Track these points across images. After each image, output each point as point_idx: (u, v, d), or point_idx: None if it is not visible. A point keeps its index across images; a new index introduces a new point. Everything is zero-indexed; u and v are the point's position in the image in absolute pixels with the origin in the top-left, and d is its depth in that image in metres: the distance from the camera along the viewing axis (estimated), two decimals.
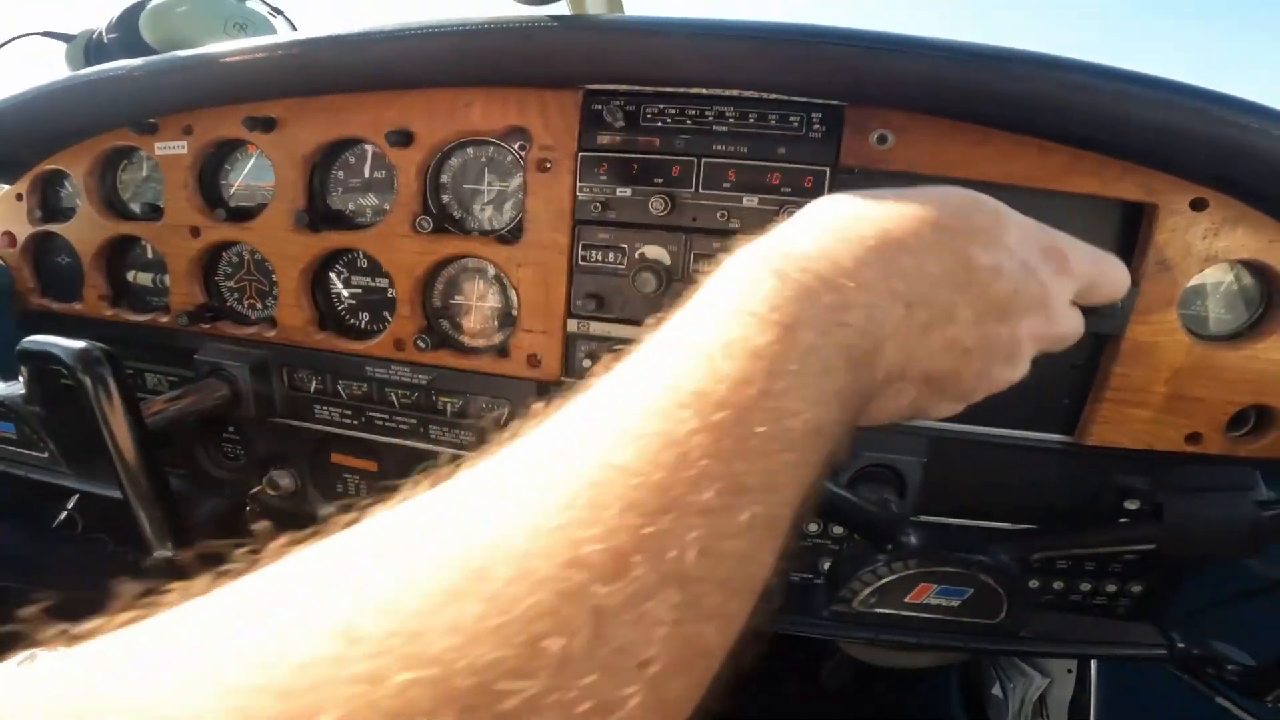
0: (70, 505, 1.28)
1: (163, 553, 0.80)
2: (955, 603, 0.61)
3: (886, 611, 0.61)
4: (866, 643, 0.65)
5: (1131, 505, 0.82)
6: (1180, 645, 0.69)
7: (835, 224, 0.37)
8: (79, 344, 0.80)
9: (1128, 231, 0.82)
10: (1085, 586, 0.92)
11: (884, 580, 0.60)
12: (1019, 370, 0.44)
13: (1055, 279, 0.44)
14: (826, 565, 0.87)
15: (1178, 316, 0.81)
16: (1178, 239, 0.78)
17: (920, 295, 0.36)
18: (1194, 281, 0.83)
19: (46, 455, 0.88)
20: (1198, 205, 0.78)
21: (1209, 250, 0.79)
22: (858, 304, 0.34)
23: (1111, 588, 0.92)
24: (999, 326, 0.40)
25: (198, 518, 1.08)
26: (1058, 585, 0.92)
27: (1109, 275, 0.48)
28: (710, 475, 0.27)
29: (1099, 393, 0.83)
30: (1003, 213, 0.43)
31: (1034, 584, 0.91)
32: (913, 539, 0.61)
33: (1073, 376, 0.85)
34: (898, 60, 0.75)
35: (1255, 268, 0.82)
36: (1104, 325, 0.81)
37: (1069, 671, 1.20)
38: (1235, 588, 0.87)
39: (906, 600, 0.61)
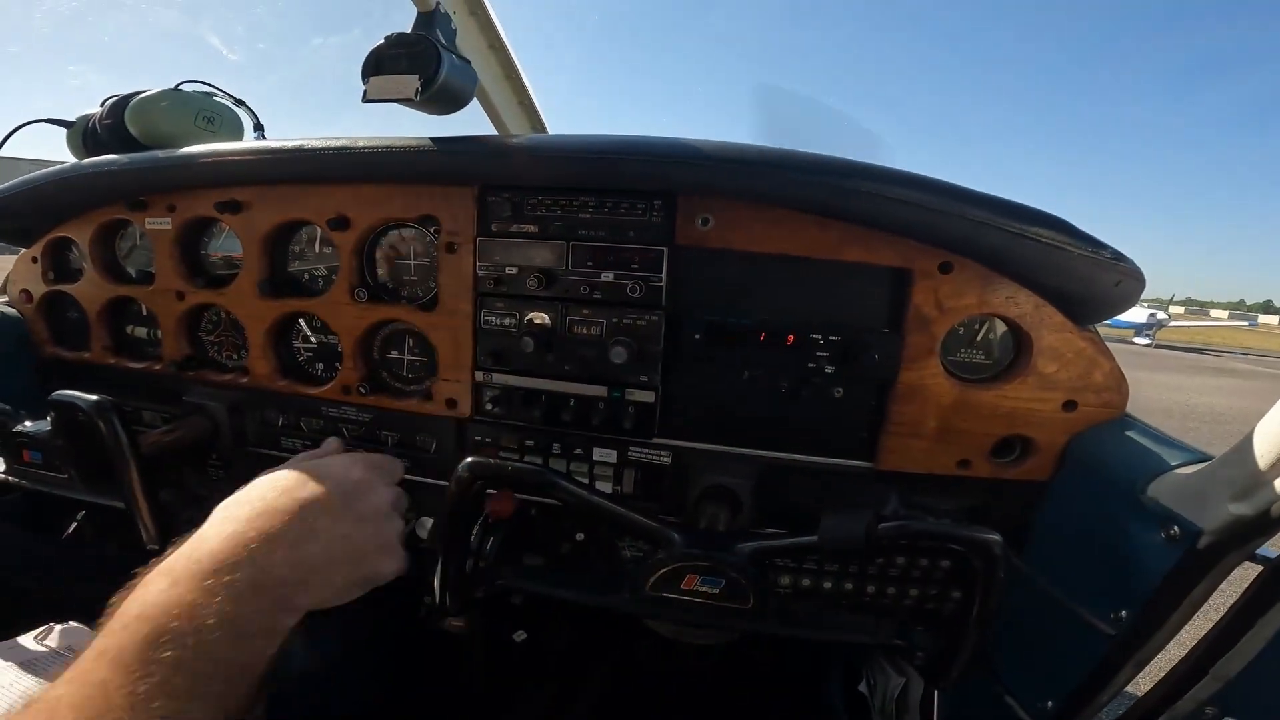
0: (79, 518, 1.50)
1: (153, 547, 1.03)
2: (715, 590, 0.80)
3: (670, 595, 0.81)
4: (661, 619, 0.85)
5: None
6: (884, 634, 0.87)
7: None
8: (95, 398, 1.03)
9: (896, 292, 1.02)
10: (914, 592, 1.11)
11: (660, 571, 0.80)
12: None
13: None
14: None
15: (939, 362, 1.01)
16: (931, 298, 0.99)
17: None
18: (959, 331, 1.03)
19: (66, 476, 1.11)
20: (945, 268, 0.98)
21: (956, 306, 0.99)
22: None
23: (934, 591, 1.11)
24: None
25: (180, 523, 1.30)
26: (891, 590, 1.10)
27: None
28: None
29: (885, 426, 1.04)
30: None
31: (860, 586, 1.10)
32: (676, 539, 0.81)
33: (869, 414, 1.06)
34: (707, 166, 0.95)
35: (1006, 320, 1.02)
36: (878, 373, 1.02)
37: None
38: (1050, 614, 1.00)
39: (682, 587, 0.80)
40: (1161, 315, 29.38)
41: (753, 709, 1.55)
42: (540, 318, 1.09)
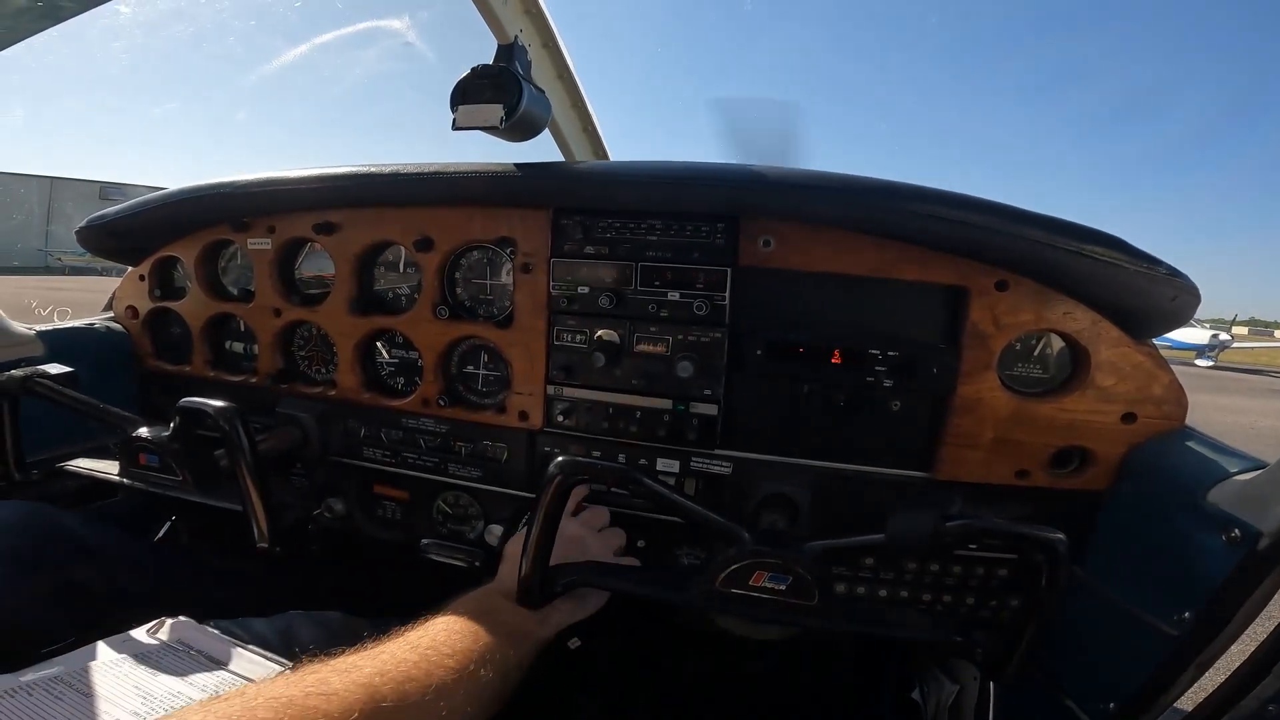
0: (172, 520, 1.61)
1: (263, 544, 1.12)
2: (782, 587, 0.83)
3: (739, 591, 0.84)
4: (730, 614, 0.89)
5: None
6: (943, 631, 0.88)
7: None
8: (222, 403, 1.12)
9: (953, 308, 1.07)
10: (970, 600, 1.14)
11: (731, 567, 0.83)
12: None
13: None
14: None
15: (997, 376, 1.05)
16: (987, 315, 1.03)
17: None
18: (1016, 346, 1.07)
19: (180, 479, 1.20)
20: (1001, 286, 1.02)
21: (1013, 322, 1.03)
22: None
23: (992, 602, 1.13)
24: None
25: (281, 526, 1.38)
26: (947, 598, 1.14)
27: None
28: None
29: (941, 438, 1.07)
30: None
31: (919, 595, 1.13)
32: (746, 537, 0.85)
33: (927, 425, 1.10)
34: (769, 191, 1.02)
35: (1063, 336, 1.05)
36: (935, 387, 1.05)
37: (974, 679, 1.33)
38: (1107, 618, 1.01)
39: (750, 583, 0.84)
40: (1224, 336, 28.01)
41: (805, 713, 1.56)
42: (609, 334, 1.16)
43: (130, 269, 1.59)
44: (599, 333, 1.16)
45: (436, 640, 0.76)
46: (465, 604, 0.85)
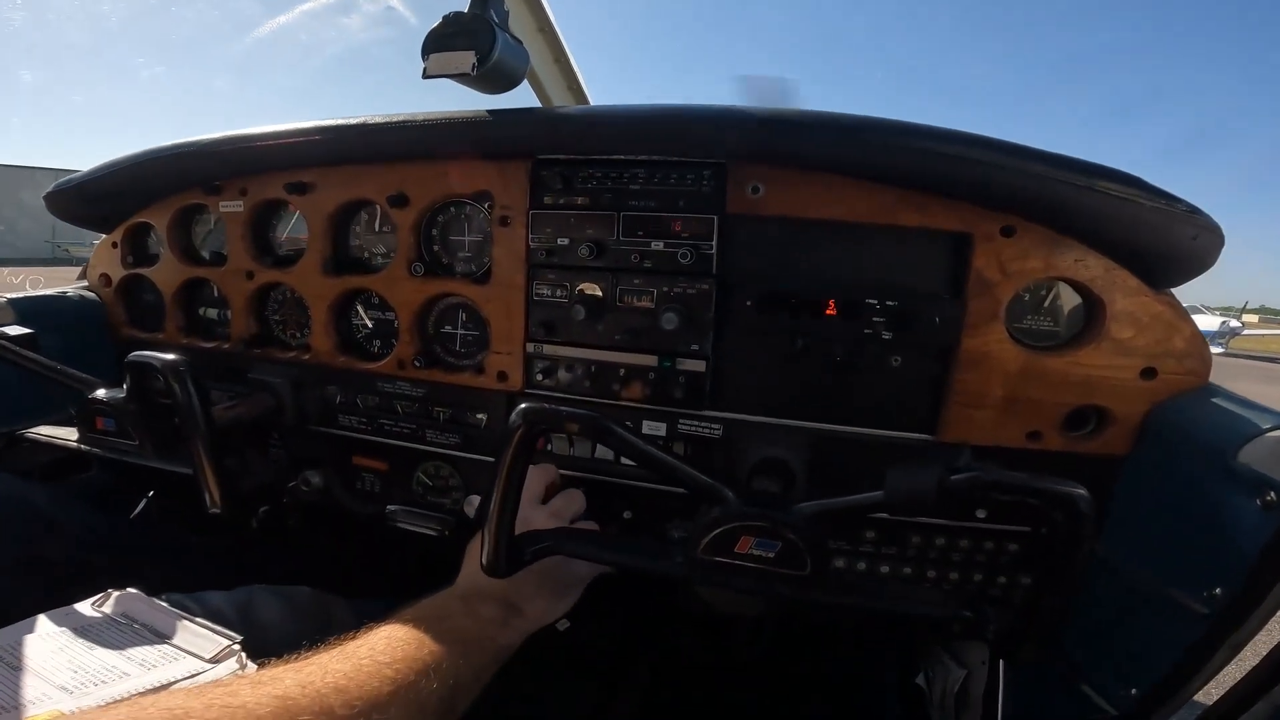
0: (148, 498, 1.56)
1: (215, 510, 1.07)
2: (770, 554, 0.75)
3: (723, 560, 0.77)
4: (711, 585, 0.81)
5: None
6: (951, 605, 0.79)
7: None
8: (170, 356, 1.07)
9: (956, 256, 0.99)
10: (978, 577, 1.06)
11: (714, 531, 0.76)
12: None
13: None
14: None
15: (1005, 328, 0.97)
16: (993, 261, 0.95)
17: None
18: (1025, 297, 0.99)
19: (136, 444, 1.14)
20: (1007, 232, 0.94)
21: (1021, 269, 0.95)
22: None
23: (1003, 579, 1.05)
24: None
25: (240, 491, 1.31)
26: (953, 576, 1.06)
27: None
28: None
29: (946, 396, 1.00)
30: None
31: (924, 573, 1.06)
32: (731, 497, 0.77)
33: (930, 383, 1.02)
34: (759, 133, 0.95)
35: (1075, 285, 0.97)
36: (938, 339, 0.98)
37: (982, 663, 1.26)
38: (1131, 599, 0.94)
39: (735, 550, 0.76)
40: (1234, 323, 27.64)
41: (803, 703, 1.50)
42: (591, 288, 1.09)
43: (104, 236, 1.54)
44: (580, 286, 1.10)
45: (375, 649, 0.69)
46: (416, 609, 0.80)
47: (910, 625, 1.25)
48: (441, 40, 1.03)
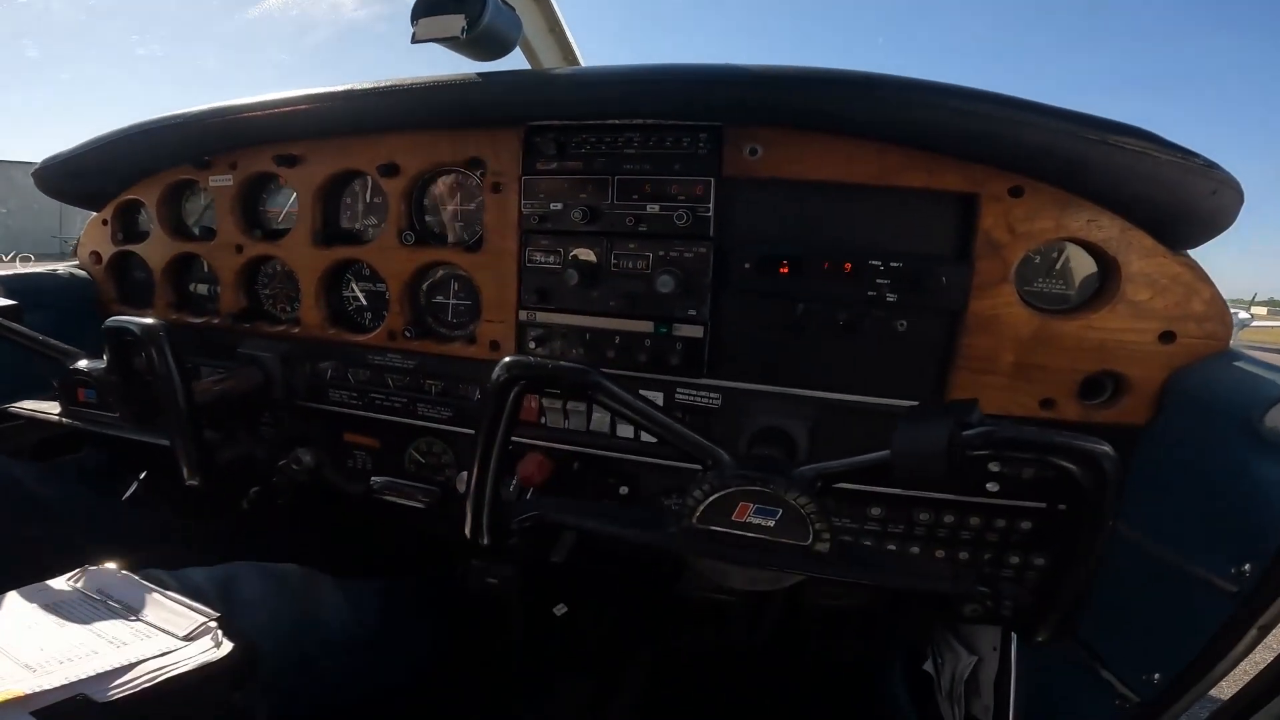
0: (140, 479, 1.53)
1: (192, 482, 1.05)
2: (771, 523, 0.70)
3: (720, 529, 0.72)
4: (708, 556, 0.77)
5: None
6: (964, 581, 0.75)
7: None
8: (148, 320, 1.04)
9: (963, 218, 0.95)
10: (988, 556, 1.01)
11: (711, 497, 0.71)
12: None
13: None
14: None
15: (1014, 291, 0.92)
16: (1001, 221, 0.91)
17: None
18: (1035, 259, 0.95)
19: (117, 415, 1.12)
20: (1015, 192, 0.90)
21: (1031, 230, 0.91)
22: None
23: (1015, 559, 1.01)
24: None
25: (219, 464, 1.28)
26: (964, 555, 1.02)
27: None
28: None
29: (954, 362, 0.95)
30: None
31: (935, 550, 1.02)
32: (726, 459, 0.73)
33: (938, 349, 0.98)
34: (757, 89, 0.91)
35: (1088, 246, 0.93)
36: (945, 301, 0.93)
37: (994, 649, 1.22)
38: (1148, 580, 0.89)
39: (733, 518, 0.71)
40: (1244, 315, 27.24)
41: (806, 692, 1.46)
42: (585, 253, 1.06)
43: (94, 214, 1.52)
44: (574, 251, 1.06)
45: None
46: None
47: (919, 606, 1.20)
48: (430, 4, 1.01)
